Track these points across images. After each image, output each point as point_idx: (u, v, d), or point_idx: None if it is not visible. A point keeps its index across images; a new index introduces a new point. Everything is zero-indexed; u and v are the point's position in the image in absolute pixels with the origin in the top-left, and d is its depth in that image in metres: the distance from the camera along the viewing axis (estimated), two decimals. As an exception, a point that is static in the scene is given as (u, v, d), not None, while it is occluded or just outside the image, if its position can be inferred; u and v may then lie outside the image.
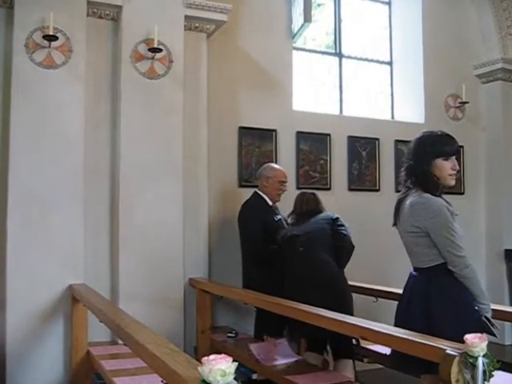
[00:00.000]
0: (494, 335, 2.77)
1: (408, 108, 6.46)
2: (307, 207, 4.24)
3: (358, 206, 5.78)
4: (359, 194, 5.91)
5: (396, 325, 2.89)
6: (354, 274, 4.93)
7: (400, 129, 6.21)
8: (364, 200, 5.90)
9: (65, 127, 4.23)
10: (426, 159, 2.93)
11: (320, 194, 5.58)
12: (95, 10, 4.51)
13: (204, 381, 1.56)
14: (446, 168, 2.93)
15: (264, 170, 4.71)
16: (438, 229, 2.84)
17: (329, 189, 5.72)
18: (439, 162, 2.93)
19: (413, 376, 2.99)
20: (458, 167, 2.97)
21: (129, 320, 2.87)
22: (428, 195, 2.89)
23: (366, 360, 4.06)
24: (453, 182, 2.99)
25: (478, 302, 2.82)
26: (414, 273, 3.01)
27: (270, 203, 4.60)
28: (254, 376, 4.09)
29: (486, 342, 2.04)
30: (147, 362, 2.30)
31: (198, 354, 4.40)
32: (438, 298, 2.82)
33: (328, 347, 4.00)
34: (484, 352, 2.03)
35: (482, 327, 2.76)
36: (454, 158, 2.97)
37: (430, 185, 2.92)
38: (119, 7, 4.49)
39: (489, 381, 2.06)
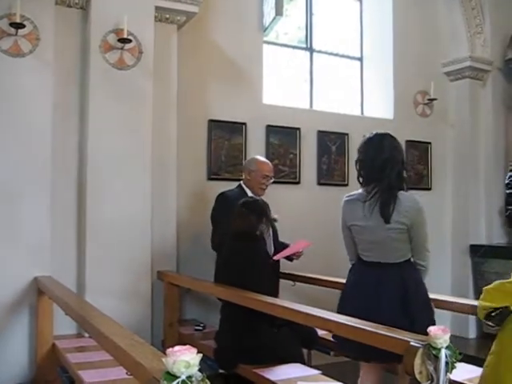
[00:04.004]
0: None
1: (377, 104, 6.51)
2: None
3: (327, 200, 5.79)
4: (328, 188, 5.93)
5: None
6: (322, 268, 4.98)
7: (369, 124, 6.22)
8: (333, 194, 5.89)
9: (32, 116, 4.16)
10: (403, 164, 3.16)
11: (289, 188, 5.63)
12: (64, -1, 4.45)
13: (168, 372, 1.55)
14: None
15: (248, 163, 4.64)
16: (422, 225, 3.00)
17: (298, 183, 5.74)
18: None
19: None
20: None
21: (94, 312, 2.85)
22: (413, 193, 3.09)
23: (332, 353, 4.08)
24: None
25: None
26: (376, 269, 3.03)
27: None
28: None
29: (449, 334, 2.07)
30: (112, 354, 2.29)
31: (165, 348, 4.35)
32: (415, 294, 2.93)
33: None
34: (447, 344, 2.06)
35: None
36: None
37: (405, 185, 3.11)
38: (88, -4, 4.43)
39: (451, 372, 2.09)
